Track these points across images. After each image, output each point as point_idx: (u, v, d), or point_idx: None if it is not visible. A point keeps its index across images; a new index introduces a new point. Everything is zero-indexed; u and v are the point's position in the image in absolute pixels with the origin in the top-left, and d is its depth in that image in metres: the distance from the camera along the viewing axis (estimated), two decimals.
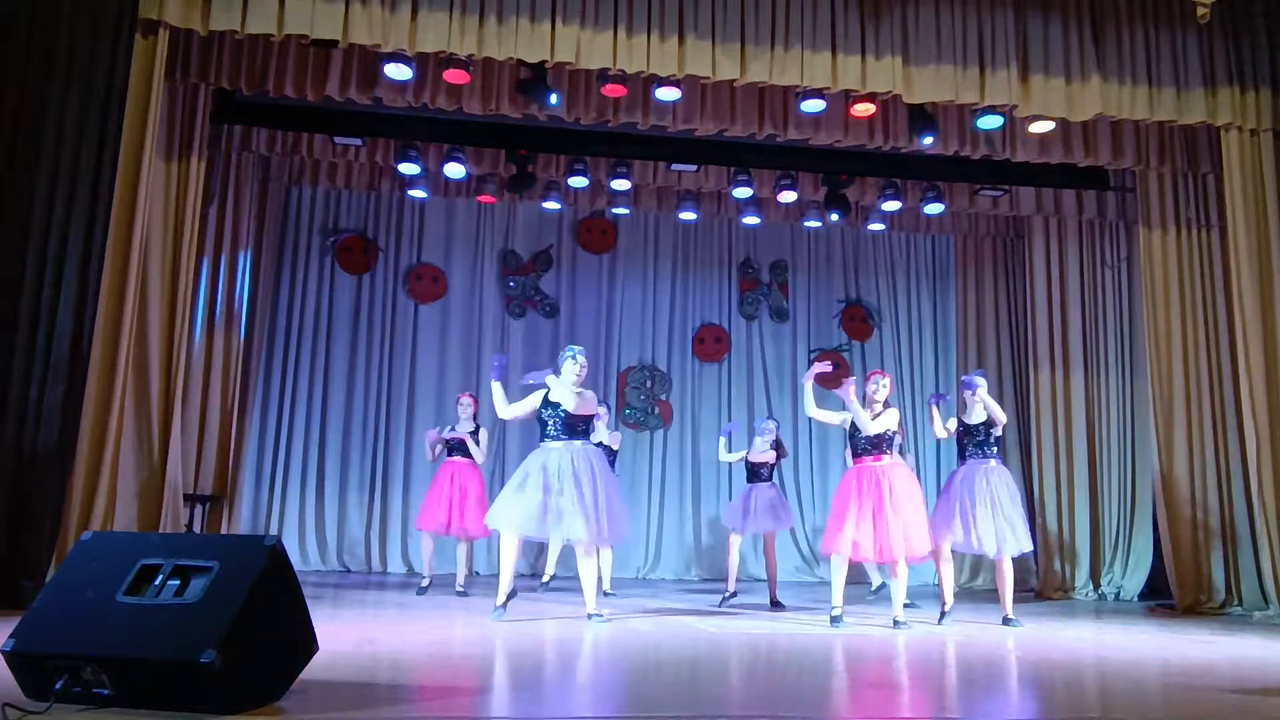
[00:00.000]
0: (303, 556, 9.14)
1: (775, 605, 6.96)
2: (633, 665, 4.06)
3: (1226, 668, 4.42)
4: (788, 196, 8.72)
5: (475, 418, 7.41)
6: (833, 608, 5.68)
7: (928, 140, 7.26)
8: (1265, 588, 6.93)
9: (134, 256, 5.87)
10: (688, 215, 9.44)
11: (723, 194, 9.31)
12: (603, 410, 7.50)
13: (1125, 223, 9.01)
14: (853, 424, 5.85)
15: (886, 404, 5.89)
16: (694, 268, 10.59)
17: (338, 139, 8.15)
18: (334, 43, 6.08)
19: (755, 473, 7.30)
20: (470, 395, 7.58)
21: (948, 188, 8.92)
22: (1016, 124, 7.34)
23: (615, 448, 7.77)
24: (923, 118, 7.16)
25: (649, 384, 10.32)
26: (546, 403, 5.65)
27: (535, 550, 9.69)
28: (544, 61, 6.28)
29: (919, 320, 10.86)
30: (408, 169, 8.31)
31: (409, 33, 6.05)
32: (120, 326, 5.82)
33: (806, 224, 9.65)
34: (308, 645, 3.03)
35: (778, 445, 7.39)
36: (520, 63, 6.37)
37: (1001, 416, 6.18)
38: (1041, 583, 8.81)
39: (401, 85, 6.85)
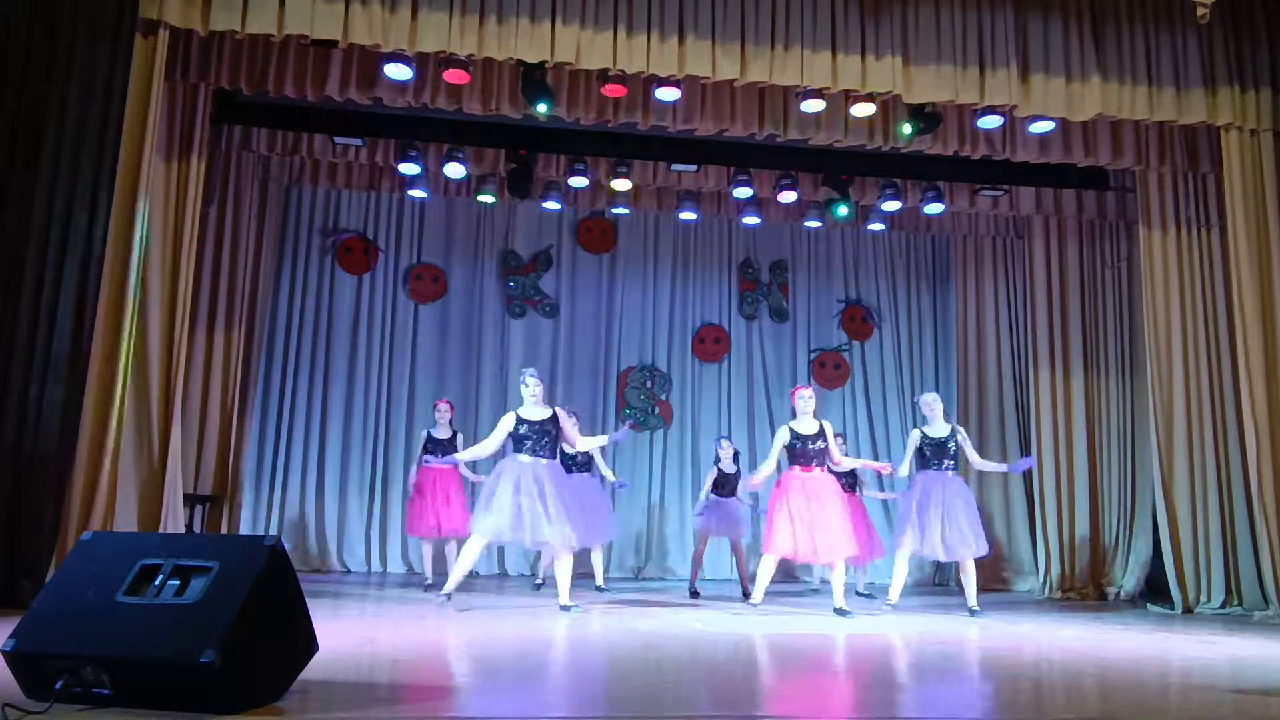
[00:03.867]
0: (303, 556, 9.14)
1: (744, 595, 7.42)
2: (633, 665, 4.06)
3: (1226, 668, 4.42)
4: (788, 196, 8.72)
5: (451, 423, 7.86)
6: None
7: (906, 128, 7.19)
8: (1265, 588, 6.92)
9: (134, 256, 5.87)
10: (688, 215, 9.44)
11: (723, 194, 9.31)
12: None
13: (1125, 223, 9.01)
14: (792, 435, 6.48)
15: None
16: (694, 268, 10.59)
17: (338, 139, 8.16)
18: (334, 43, 6.08)
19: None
20: (447, 402, 8.00)
21: (948, 188, 8.92)
22: (1016, 124, 7.34)
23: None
24: (921, 117, 7.14)
25: (649, 384, 10.32)
26: (522, 420, 6.12)
27: (535, 552, 9.72)
28: (544, 61, 6.28)
29: (919, 320, 10.86)
30: (408, 169, 8.31)
31: (409, 33, 6.05)
32: (120, 326, 5.82)
33: (806, 224, 9.65)
34: (308, 645, 3.03)
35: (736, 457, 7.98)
36: (520, 63, 6.37)
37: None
38: (1042, 583, 8.82)
39: (401, 85, 6.85)
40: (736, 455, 7.98)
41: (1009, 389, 9.87)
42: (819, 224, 9.61)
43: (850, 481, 8.08)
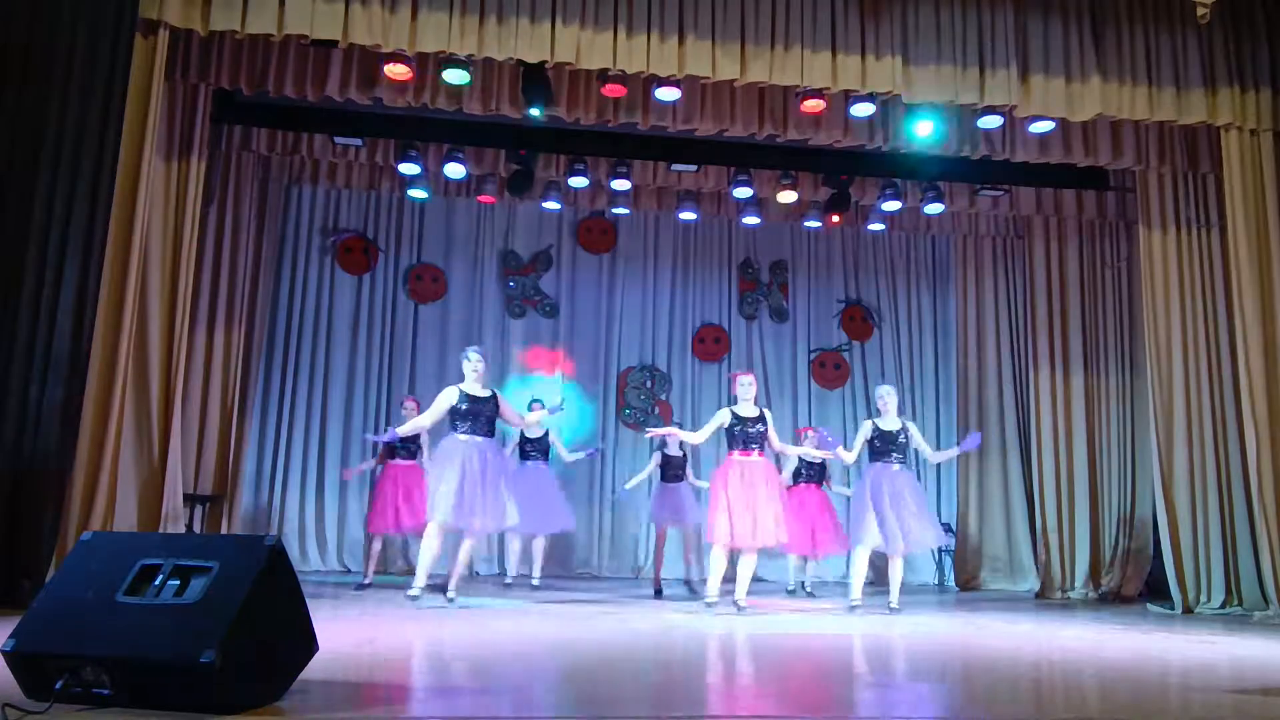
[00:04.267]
0: (303, 556, 9.14)
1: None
2: (634, 664, 4.06)
3: (1226, 668, 4.42)
4: (788, 196, 8.71)
5: None
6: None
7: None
8: (1265, 588, 6.92)
9: (134, 256, 5.87)
10: (688, 215, 9.44)
11: (723, 194, 9.30)
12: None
13: (1125, 223, 9.00)
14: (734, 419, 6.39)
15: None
16: (694, 268, 10.59)
17: (338, 139, 8.15)
18: (334, 43, 6.08)
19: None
20: (414, 399, 7.98)
21: (948, 188, 8.91)
22: (1016, 124, 7.34)
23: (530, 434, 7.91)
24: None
25: (649, 384, 10.32)
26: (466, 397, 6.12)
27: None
28: (544, 61, 6.28)
29: (919, 320, 10.86)
30: (408, 169, 8.31)
31: (409, 33, 6.05)
32: (120, 326, 5.82)
33: (806, 224, 9.65)
34: (308, 645, 3.03)
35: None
36: (520, 63, 6.37)
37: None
38: (1041, 583, 8.82)
39: (401, 85, 6.85)
40: (681, 441, 7.78)
41: (1009, 389, 9.87)
42: (819, 224, 9.61)
43: (818, 474, 8.07)
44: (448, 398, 6.13)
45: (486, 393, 6.20)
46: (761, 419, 6.39)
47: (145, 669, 2.64)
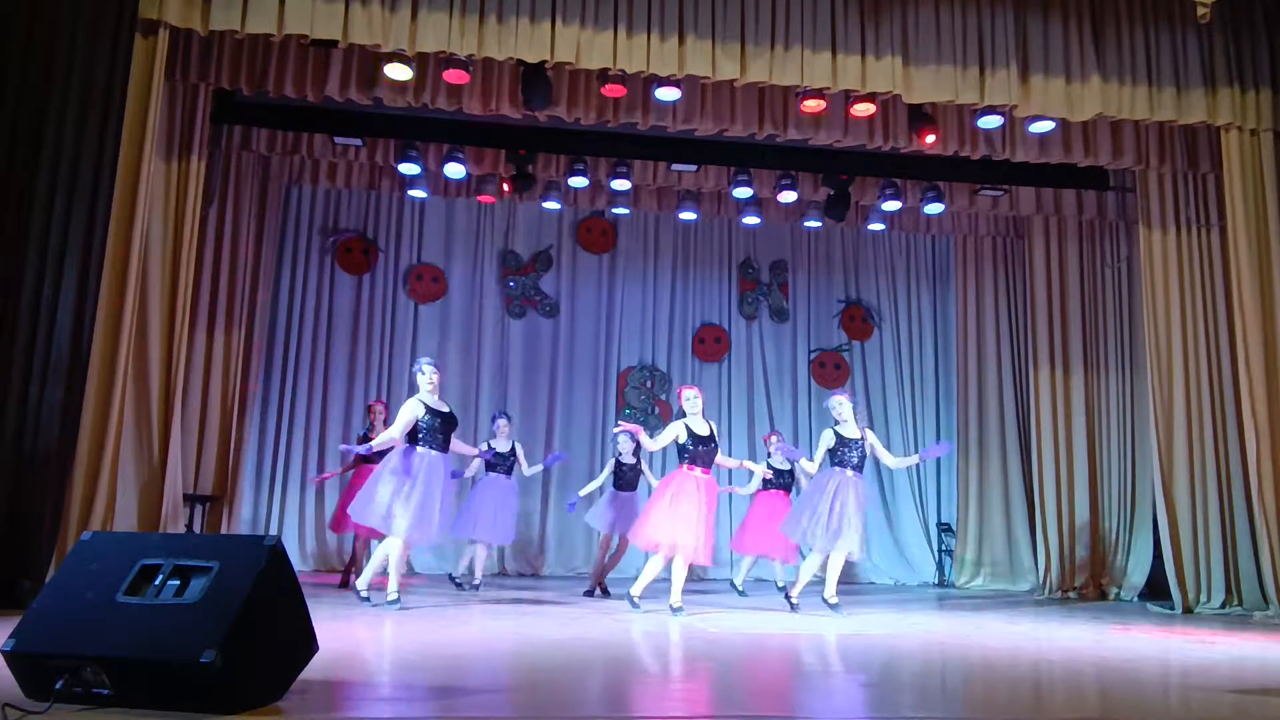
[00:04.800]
0: (302, 557, 9.14)
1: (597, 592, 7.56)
2: (634, 664, 4.06)
3: (1226, 668, 4.42)
4: (788, 196, 8.71)
5: (386, 424, 7.45)
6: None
7: (930, 139, 7.24)
8: (1265, 588, 6.92)
9: (134, 256, 5.87)
10: (688, 215, 9.44)
11: (723, 194, 9.31)
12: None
13: (1125, 223, 9.01)
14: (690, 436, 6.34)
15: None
16: (694, 268, 10.59)
17: (338, 139, 8.15)
18: (334, 43, 6.08)
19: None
20: (382, 402, 7.97)
21: (948, 188, 8.91)
22: (1017, 124, 7.34)
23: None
24: (921, 118, 7.14)
25: (649, 384, 10.32)
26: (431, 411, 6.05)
27: (536, 551, 9.75)
28: (544, 61, 6.28)
29: (919, 320, 10.86)
30: (408, 169, 8.31)
31: (409, 33, 6.05)
32: (120, 326, 5.82)
33: (806, 224, 9.66)
34: (308, 645, 3.03)
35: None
36: (520, 63, 6.37)
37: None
38: (1042, 583, 8.82)
39: (401, 85, 6.85)
40: (638, 449, 7.76)
41: (1009, 389, 9.87)
42: (819, 224, 9.61)
43: (786, 483, 7.98)
44: (413, 410, 6.00)
45: (445, 408, 6.15)
46: (712, 436, 6.37)
47: (145, 669, 2.64)
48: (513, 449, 7.72)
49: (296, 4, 5.89)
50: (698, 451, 6.29)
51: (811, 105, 6.94)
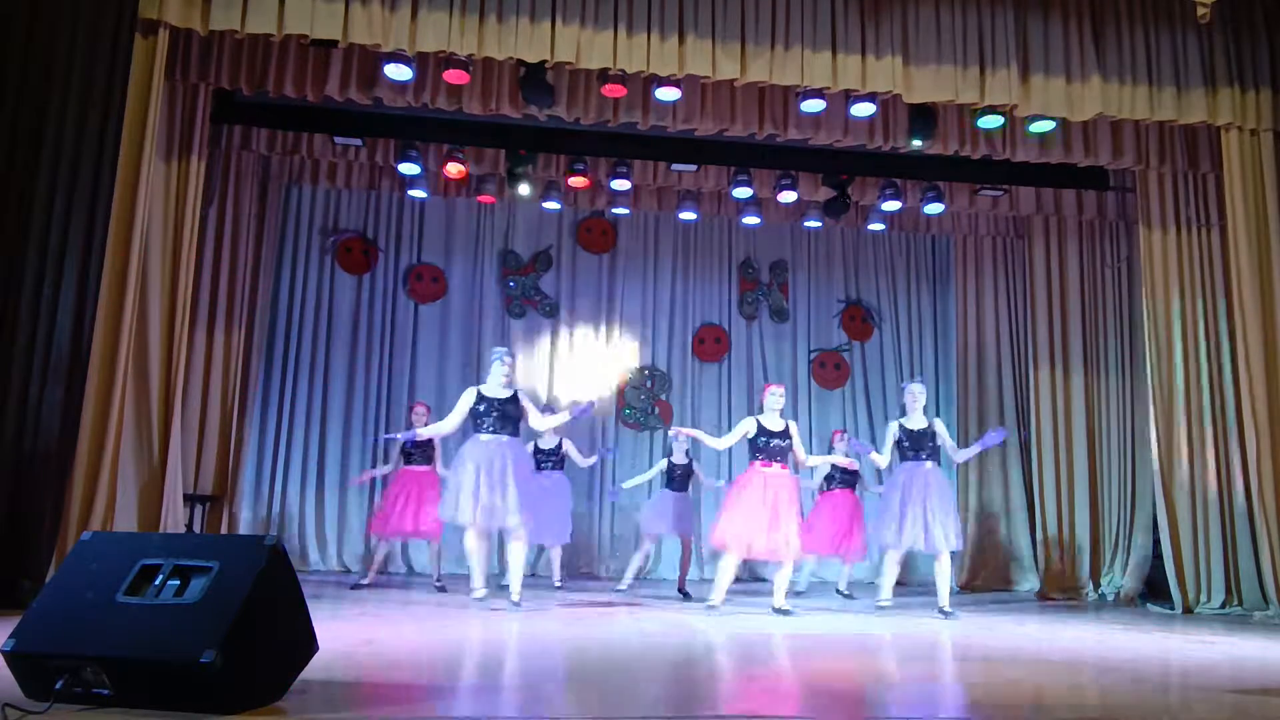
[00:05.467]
0: (303, 557, 9.14)
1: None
2: (635, 664, 4.06)
3: (1226, 668, 4.42)
4: (788, 196, 8.71)
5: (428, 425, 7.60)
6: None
7: (916, 143, 7.25)
8: (1265, 588, 6.92)
9: (134, 256, 5.86)
10: (688, 215, 9.44)
11: (723, 194, 9.31)
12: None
13: (1125, 223, 9.01)
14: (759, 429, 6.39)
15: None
16: (694, 268, 10.58)
17: (338, 139, 8.15)
18: (334, 43, 6.08)
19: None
20: (424, 404, 7.99)
21: (948, 188, 8.91)
22: (1017, 124, 7.34)
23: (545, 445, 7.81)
24: (921, 118, 7.14)
25: (649, 384, 10.32)
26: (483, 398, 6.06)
27: (536, 551, 9.74)
28: (544, 61, 6.28)
29: (919, 320, 10.86)
30: (408, 169, 8.31)
31: (409, 33, 6.05)
32: (120, 326, 5.82)
33: (806, 224, 9.66)
34: (308, 645, 3.03)
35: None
36: (520, 63, 6.37)
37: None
38: (1042, 583, 8.82)
39: (401, 85, 6.85)
40: (689, 450, 7.83)
41: (1009, 389, 9.87)
42: (819, 224, 9.61)
43: (851, 480, 8.05)
44: (467, 400, 6.09)
45: (507, 392, 6.11)
46: (786, 432, 6.36)
47: (145, 669, 2.64)
48: (560, 444, 7.70)
49: (296, 4, 5.88)
50: (769, 447, 6.26)
51: (811, 105, 6.93)
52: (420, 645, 4.49)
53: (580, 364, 10.22)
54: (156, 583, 2.80)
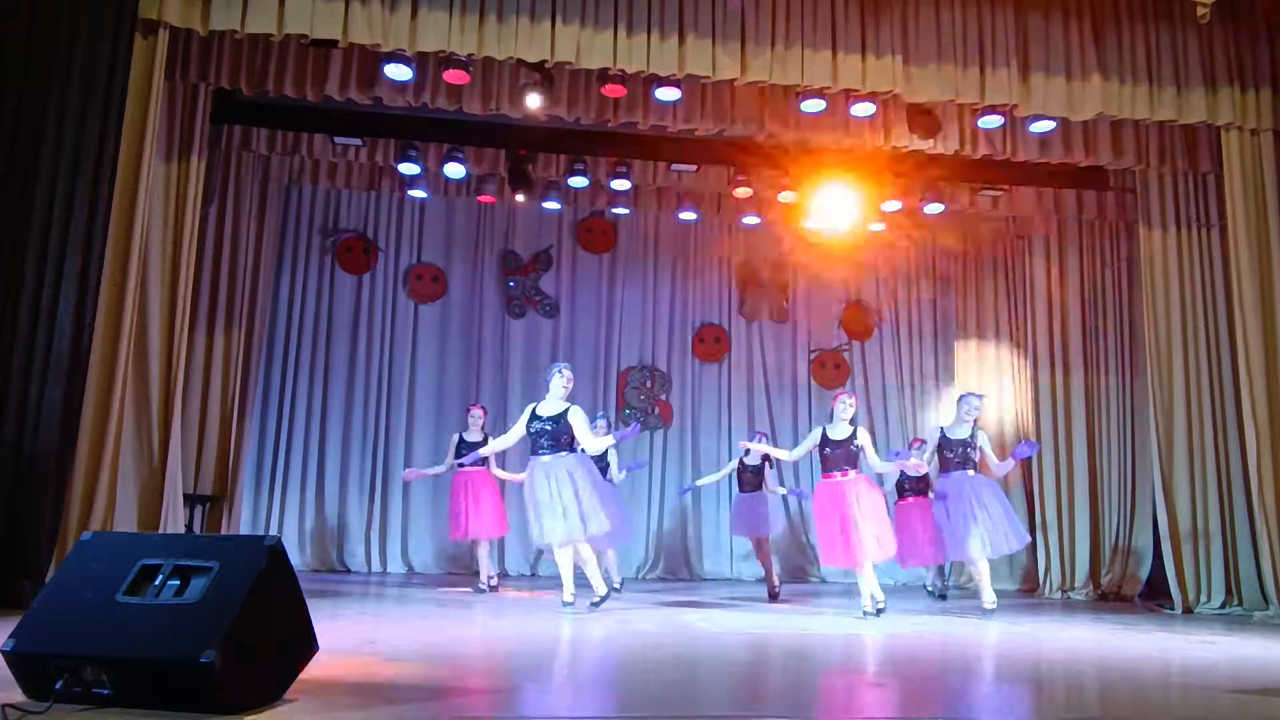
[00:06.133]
0: (303, 556, 9.14)
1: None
2: (635, 664, 4.06)
3: (1226, 668, 4.42)
4: (788, 196, 8.71)
5: (484, 428, 7.79)
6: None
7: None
8: (1265, 588, 6.92)
9: (134, 256, 5.86)
10: (688, 215, 9.44)
11: (723, 194, 9.31)
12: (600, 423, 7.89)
13: (1125, 223, 9.00)
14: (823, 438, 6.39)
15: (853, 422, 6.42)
16: (694, 268, 10.59)
17: (338, 139, 8.15)
18: (334, 43, 6.07)
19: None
20: (481, 407, 8.00)
21: (948, 188, 8.91)
22: (1017, 124, 7.33)
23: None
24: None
25: (649, 384, 10.32)
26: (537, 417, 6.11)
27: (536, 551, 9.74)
28: (544, 61, 6.28)
29: (919, 320, 10.86)
30: (408, 169, 8.31)
31: (409, 33, 6.05)
32: (120, 326, 5.81)
33: (807, 224, 9.63)
34: (308, 645, 3.03)
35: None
36: (521, 62, 6.37)
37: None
38: (1042, 583, 8.82)
39: (401, 85, 6.85)
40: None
41: (1009, 389, 9.87)
42: (822, 225, 9.58)
43: (923, 487, 7.88)
44: (524, 416, 6.17)
45: (557, 410, 6.09)
46: (854, 438, 6.31)
47: (145, 669, 2.64)
48: (605, 451, 7.44)
49: (296, 4, 5.88)
50: (832, 456, 6.28)
51: (811, 105, 6.93)
52: (421, 645, 4.49)
53: (580, 364, 10.22)
54: (156, 583, 2.80)
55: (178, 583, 2.79)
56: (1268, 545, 6.82)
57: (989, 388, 9.88)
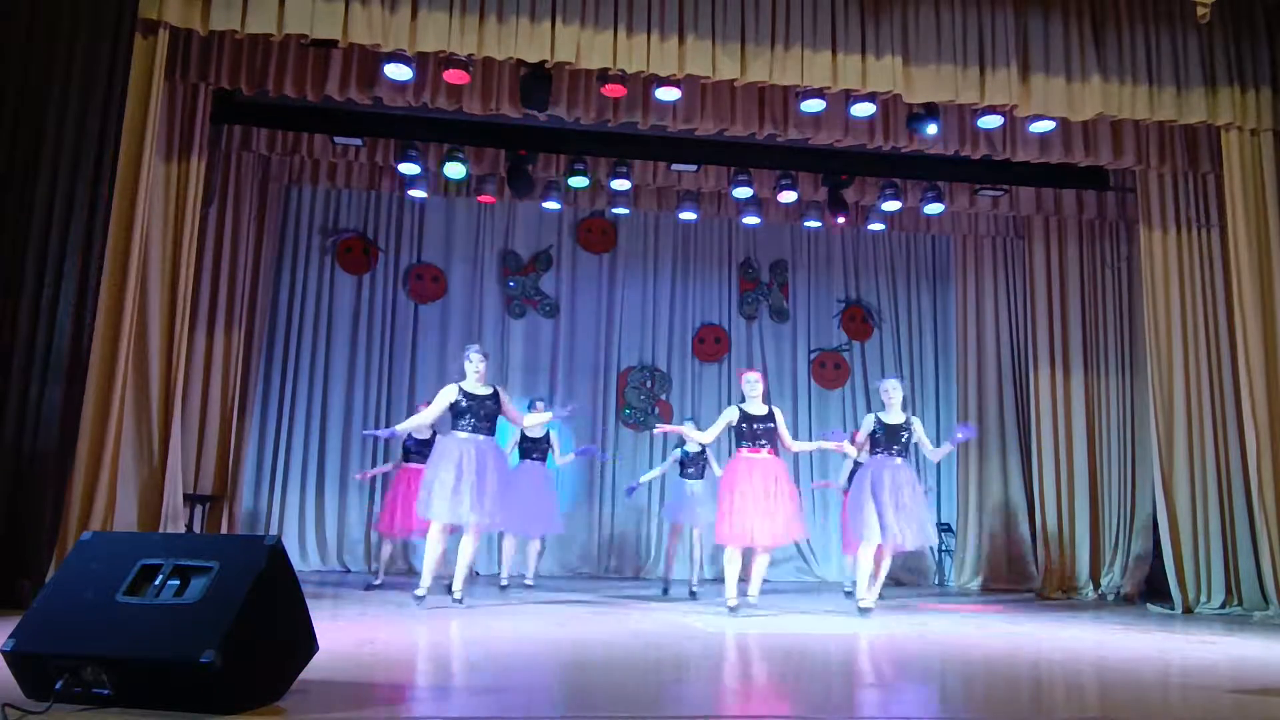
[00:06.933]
0: (303, 556, 9.14)
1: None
2: (636, 664, 4.06)
3: (1226, 668, 4.42)
4: (788, 196, 8.72)
5: (434, 425, 7.48)
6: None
7: (931, 129, 7.14)
8: (1265, 588, 6.92)
9: (134, 256, 5.86)
10: (688, 215, 9.44)
11: (723, 194, 9.31)
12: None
13: (1125, 223, 9.01)
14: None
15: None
16: (694, 268, 10.59)
17: (338, 139, 8.16)
18: (334, 43, 6.07)
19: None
20: (426, 404, 7.84)
21: (948, 188, 8.91)
22: (1017, 124, 7.34)
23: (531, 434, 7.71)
24: (922, 114, 7.13)
25: (649, 384, 10.32)
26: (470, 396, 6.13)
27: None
28: (544, 61, 6.28)
29: (919, 320, 10.86)
30: (408, 169, 8.31)
31: (409, 33, 6.05)
32: (120, 326, 5.82)
33: (806, 224, 9.66)
34: (308, 645, 3.03)
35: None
36: (520, 62, 6.37)
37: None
38: (1042, 583, 8.82)
39: (401, 85, 6.85)
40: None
41: (1009, 389, 9.88)
42: (819, 224, 9.61)
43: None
44: (447, 395, 6.13)
45: (487, 390, 6.18)
46: (770, 416, 6.28)
47: (145, 669, 2.64)
48: (547, 435, 7.70)
49: (296, 4, 5.88)
50: (754, 430, 6.20)
51: (811, 105, 6.94)
52: (421, 645, 4.49)
53: (580, 364, 10.23)
54: (156, 583, 2.80)
55: (178, 583, 2.79)
56: (1268, 545, 6.82)
57: (989, 387, 9.89)
